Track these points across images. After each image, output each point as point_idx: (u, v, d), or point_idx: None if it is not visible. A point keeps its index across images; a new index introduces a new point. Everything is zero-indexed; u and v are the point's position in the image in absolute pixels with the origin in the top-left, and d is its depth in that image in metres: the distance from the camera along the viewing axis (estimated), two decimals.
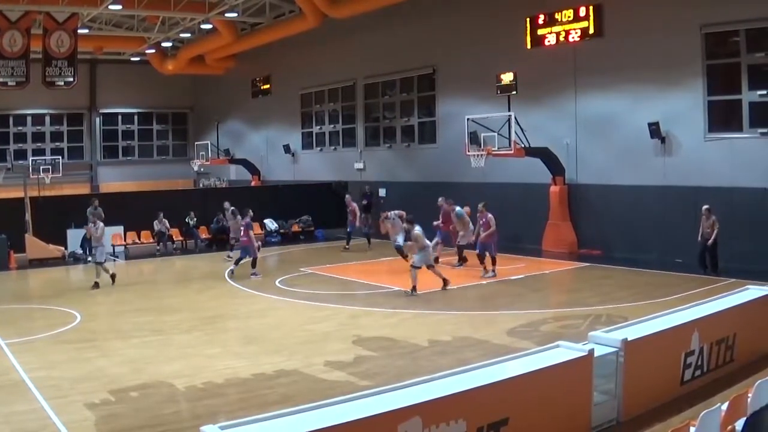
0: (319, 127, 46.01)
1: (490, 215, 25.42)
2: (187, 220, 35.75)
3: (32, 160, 51.21)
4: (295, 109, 47.68)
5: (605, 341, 11.20)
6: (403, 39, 38.09)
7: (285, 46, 44.41)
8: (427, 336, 17.08)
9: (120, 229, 34.45)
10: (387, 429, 8.36)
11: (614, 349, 11.01)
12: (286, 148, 47.54)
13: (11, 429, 11.82)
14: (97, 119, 58.22)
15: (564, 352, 10.73)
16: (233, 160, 50.96)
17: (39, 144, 55.79)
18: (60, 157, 53.16)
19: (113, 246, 33.97)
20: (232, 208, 31.19)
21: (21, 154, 52.52)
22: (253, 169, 49.52)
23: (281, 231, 38.21)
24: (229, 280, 26.34)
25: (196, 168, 52.23)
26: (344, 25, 38.99)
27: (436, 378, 9.66)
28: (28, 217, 31.90)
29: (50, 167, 50.89)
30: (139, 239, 35.06)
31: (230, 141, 53.41)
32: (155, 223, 34.07)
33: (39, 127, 56.09)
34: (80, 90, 50.47)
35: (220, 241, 35.61)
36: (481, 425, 9.06)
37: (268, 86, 50.60)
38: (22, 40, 31.97)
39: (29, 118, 55.63)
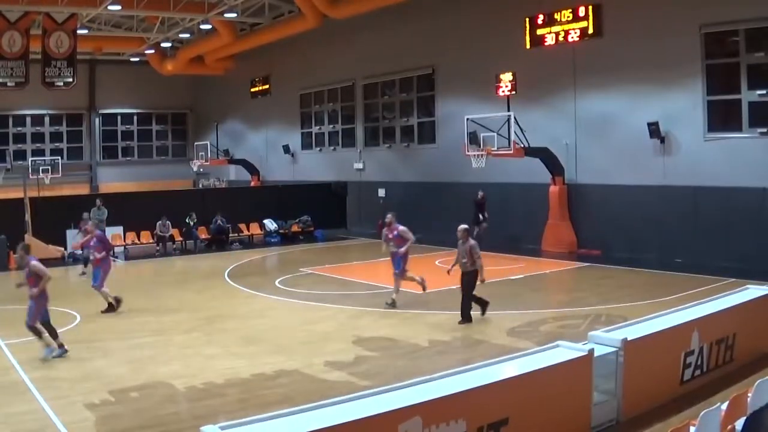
0: (318, 127, 46.03)
1: None
2: (187, 220, 35.76)
3: (31, 160, 51.26)
4: (294, 109, 47.70)
5: (605, 341, 11.20)
6: (403, 39, 38.10)
7: (284, 46, 44.44)
8: (426, 336, 17.08)
9: (119, 229, 34.48)
10: (387, 429, 8.36)
11: (614, 349, 11.01)
12: (286, 149, 47.57)
13: (11, 430, 11.81)
14: (97, 120, 58.25)
15: (564, 352, 10.73)
16: (233, 161, 50.94)
17: (38, 144, 55.82)
18: (59, 158, 53.21)
19: (116, 246, 33.98)
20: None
21: (20, 155, 52.62)
22: (252, 170, 49.50)
23: (281, 231, 38.20)
24: (228, 280, 26.40)
25: (195, 168, 52.24)
26: (343, 26, 39.00)
27: (436, 378, 9.65)
28: (27, 217, 31.90)
29: (49, 168, 50.91)
30: (139, 240, 35.08)
31: (230, 141, 53.40)
32: (159, 225, 34.08)
33: (38, 128, 56.11)
34: (79, 90, 50.47)
35: (219, 242, 35.73)
36: (481, 425, 9.05)
37: (267, 86, 50.62)
38: (21, 40, 31.98)
39: (28, 119, 55.66)
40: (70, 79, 33.22)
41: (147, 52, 50.45)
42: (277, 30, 42.32)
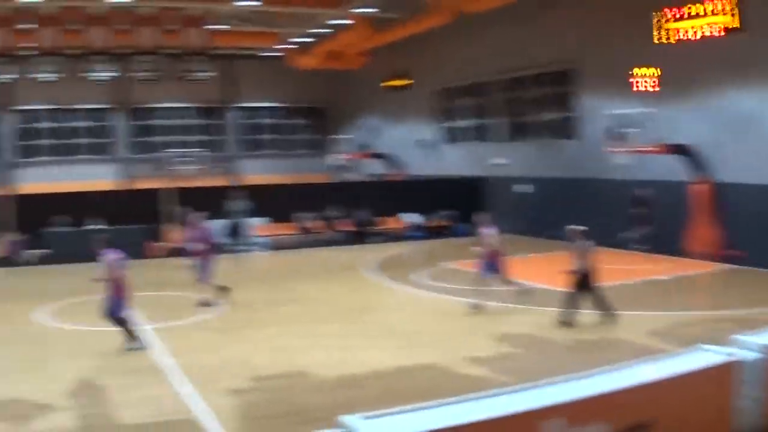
0: (459, 121, 45.95)
1: None
2: (330, 213, 36.32)
3: (173, 152, 52.63)
4: (434, 103, 47.67)
5: (750, 346, 10.96)
6: (542, 33, 37.65)
7: (423, 40, 44.31)
8: (569, 335, 17.04)
9: (264, 220, 35.24)
10: (529, 427, 8.42)
11: (759, 354, 10.83)
12: (427, 143, 47.63)
13: (151, 411, 12.35)
14: (237, 113, 59.23)
15: (707, 355, 10.59)
16: (373, 155, 51.28)
17: (181, 137, 56.95)
18: (201, 150, 54.43)
19: (255, 237, 34.76)
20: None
21: (163, 147, 53.99)
22: (393, 164, 49.76)
23: (423, 225, 38.41)
24: (370, 272, 26.70)
25: (336, 162, 52.66)
26: (481, 20, 38.68)
27: (581, 377, 9.66)
28: (170, 207, 32.86)
29: (191, 160, 52.21)
30: (282, 231, 35.71)
31: (370, 135, 53.71)
32: (301, 217, 34.71)
33: (181, 121, 57.31)
34: (219, 84, 51.21)
35: (361, 234, 36.14)
36: (623, 427, 9.03)
37: (407, 81, 50.68)
38: (159, 35, 33.02)
39: (171, 112, 56.95)
40: (208, 74, 34.11)
41: (284, 47, 51.05)
42: (414, 24, 42.22)
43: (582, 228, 18.34)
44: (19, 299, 22.91)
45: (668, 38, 30.36)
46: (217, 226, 33.92)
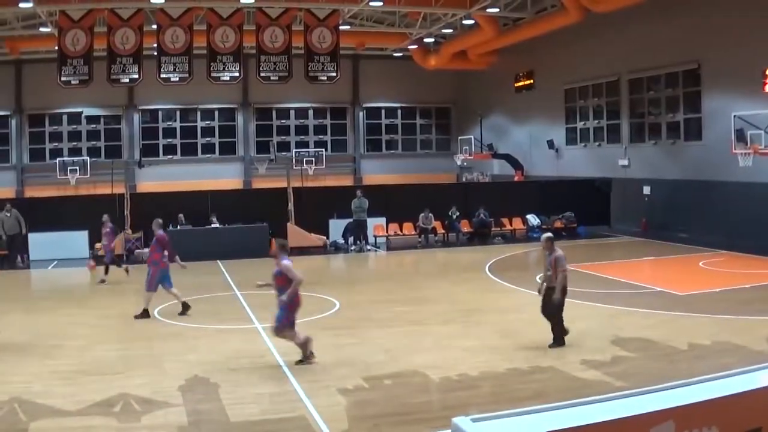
0: (583, 122, 45.47)
1: None
2: (450, 213, 36.32)
3: (295, 152, 53.42)
4: (558, 104, 47.33)
5: None
6: (667, 33, 36.90)
7: (548, 40, 44.00)
8: (686, 339, 16.62)
9: (382, 220, 35.39)
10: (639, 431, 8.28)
11: None
12: (550, 144, 47.29)
13: (261, 409, 12.48)
14: (361, 113, 59.73)
15: None
16: (496, 155, 51.14)
17: (302, 137, 57.86)
18: (323, 150, 55.18)
19: (375, 237, 34.93)
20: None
21: (284, 146, 54.85)
22: (516, 164, 49.47)
23: (543, 227, 38.13)
24: (488, 273, 26.58)
25: (459, 162, 52.67)
26: (607, 20, 38.16)
27: (692, 383, 9.47)
28: (290, 206, 33.26)
29: (313, 159, 52.99)
30: (401, 231, 35.85)
31: (493, 136, 53.61)
32: (421, 217, 34.79)
33: (302, 120, 58.21)
34: (343, 84, 51.62)
35: (481, 235, 36.03)
36: None
37: (531, 81, 50.47)
38: (283, 36, 33.55)
39: (292, 112, 57.94)
40: (334, 74, 34.42)
41: (410, 47, 51.22)
42: (540, 24, 42.02)
43: (550, 235, 17.40)
44: (138, 296, 23.42)
45: None
46: (338, 225, 34.42)
